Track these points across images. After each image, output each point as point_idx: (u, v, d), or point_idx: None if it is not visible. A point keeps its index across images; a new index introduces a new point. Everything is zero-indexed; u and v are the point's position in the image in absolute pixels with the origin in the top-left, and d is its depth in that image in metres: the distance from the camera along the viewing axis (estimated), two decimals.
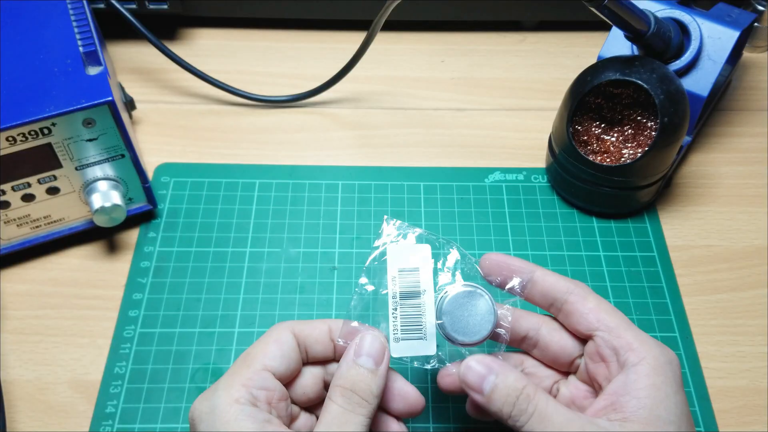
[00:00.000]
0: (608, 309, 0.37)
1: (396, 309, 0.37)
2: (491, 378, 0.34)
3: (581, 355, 0.38)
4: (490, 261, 0.39)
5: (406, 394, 0.37)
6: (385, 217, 0.39)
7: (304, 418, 0.38)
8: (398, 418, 0.38)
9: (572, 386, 0.38)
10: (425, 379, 0.45)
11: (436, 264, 0.38)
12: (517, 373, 0.35)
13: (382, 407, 0.37)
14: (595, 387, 0.37)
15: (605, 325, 0.36)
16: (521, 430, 0.33)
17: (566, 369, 0.39)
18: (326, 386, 0.38)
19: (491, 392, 0.34)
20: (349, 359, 0.35)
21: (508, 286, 0.39)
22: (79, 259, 0.51)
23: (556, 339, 0.38)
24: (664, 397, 0.33)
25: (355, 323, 0.37)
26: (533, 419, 0.33)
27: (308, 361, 0.38)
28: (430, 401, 0.44)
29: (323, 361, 0.38)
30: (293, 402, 0.37)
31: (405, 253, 0.38)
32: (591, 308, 0.36)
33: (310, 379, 0.38)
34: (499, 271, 0.39)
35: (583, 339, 0.38)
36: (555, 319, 0.39)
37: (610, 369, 0.35)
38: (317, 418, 0.37)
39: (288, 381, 0.37)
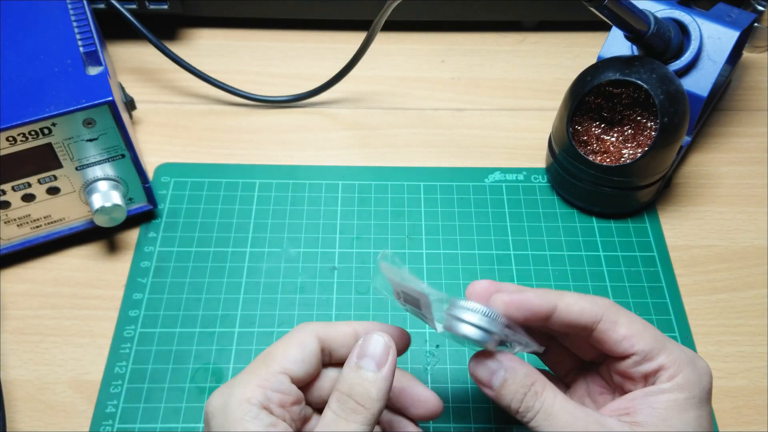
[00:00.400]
0: (641, 331, 0.35)
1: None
2: (501, 373, 0.34)
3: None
4: (502, 303, 0.35)
5: (426, 399, 0.37)
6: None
7: (315, 421, 0.37)
8: (415, 421, 0.38)
9: (589, 378, 0.38)
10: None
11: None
12: (528, 368, 0.34)
13: (400, 411, 0.37)
14: (617, 391, 0.36)
15: (639, 350, 0.34)
16: (529, 426, 0.33)
17: (589, 359, 0.38)
18: None
19: (500, 387, 0.34)
20: (351, 362, 0.34)
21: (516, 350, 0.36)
22: (80, 259, 0.51)
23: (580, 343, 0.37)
24: (682, 411, 0.33)
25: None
26: (539, 416, 0.33)
27: (331, 363, 0.38)
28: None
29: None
30: (310, 404, 0.37)
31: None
32: (624, 335, 0.34)
33: (328, 382, 0.37)
34: (517, 314, 0.35)
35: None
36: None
37: (637, 385, 0.35)
38: None
39: (305, 384, 0.36)
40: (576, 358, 0.39)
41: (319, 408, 0.38)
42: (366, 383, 0.33)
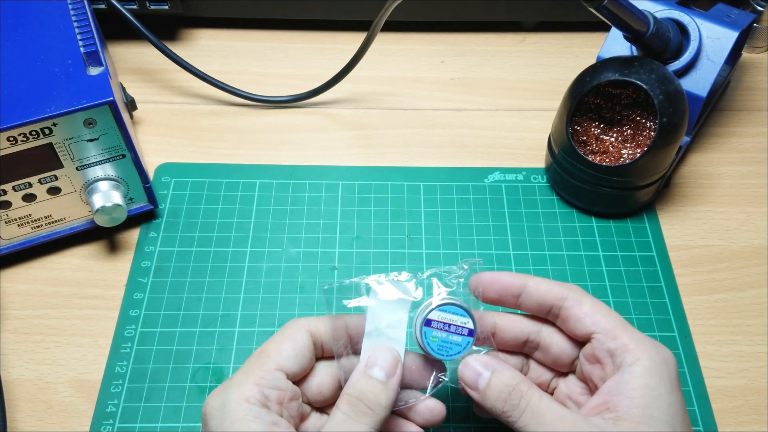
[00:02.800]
0: (604, 311, 0.36)
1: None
2: (486, 374, 0.35)
3: None
4: (480, 282, 0.38)
5: (431, 408, 0.37)
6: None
7: (314, 419, 0.38)
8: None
9: (570, 383, 0.39)
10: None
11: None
12: (513, 371, 0.35)
13: (403, 415, 0.38)
14: (590, 387, 0.37)
15: (601, 328, 0.36)
16: (515, 427, 0.34)
17: (567, 369, 0.39)
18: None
19: (485, 388, 0.35)
20: (360, 370, 0.35)
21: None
22: (80, 259, 0.51)
23: (556, 341, 0.38)
24: (657, 397, 0.33)
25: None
26: (525, 415, 0.33)
27: (324, 356, 0.38)
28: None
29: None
30: (308, 401, 0.37)
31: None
32: (586, 312, 0.36)
33: (327, 378, 0.38)
34: (491, 289, 0.38)
35: (581, 342, 0.38)
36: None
37: (606, 370, 0.35)
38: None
39: (301, 379, 0.37)
40: (554, 372, 0.40)
41: (319, 406, 0.38)
42: (376, 390, 0.34)
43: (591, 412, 0.34)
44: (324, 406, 0.39)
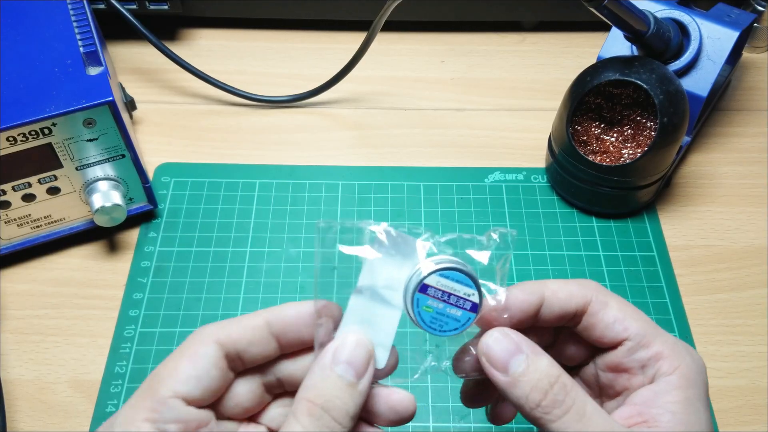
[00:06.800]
0: (633, 313, 0.31)
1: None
2: (520, 357, 0.29)
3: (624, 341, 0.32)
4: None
5: (394, 402, 0.30)
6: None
7: None
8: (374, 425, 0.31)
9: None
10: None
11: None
12: (550, 358, 0.29)
13: (363, 418, 0.30)
14: (600, 391, 0.33)
15: (633, 334, 0.31)
16: (550, 427, 0.28)
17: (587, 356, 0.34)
18: (269, 389, 0.32)
19: (521, 374, 0.28)
20: (323, 364, 0.28)
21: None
22: (80, 259, 0.51)
23: (568, 347, 0.33)
24: (695, 412, 0.30)
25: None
26: (569, 416, 0.28)
27: (245, 367, 0.31)
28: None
29: (265, 364, 0.31)
30: (226, 417, 0.31)
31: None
32: (615, 317, 0.31)
33: (245, 391, 0.31)
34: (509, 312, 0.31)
35: (600, 347, 0.33)
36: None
37: (633, 380, 0.31)
38: (266, 428, 0.32)
39: (212, 401, 0.30)
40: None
41: (241, 418, 0.31)
42: (344, 395, 0.28)
43: (624, 423, 0.30)
44: (253, 415, 0.32)
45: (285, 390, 0.32)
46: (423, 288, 0.30)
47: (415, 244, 0.30)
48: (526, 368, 0.29)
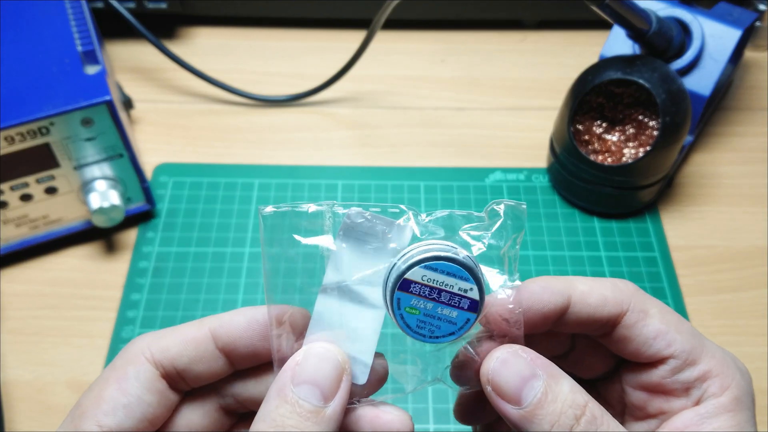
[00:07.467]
0: (677, 325, 0.26)
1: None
2: (536, 384, 0.23)
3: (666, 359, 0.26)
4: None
5: (382, 426, 0.24)
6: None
7: None
8: None
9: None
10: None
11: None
12: (572, 381, 0.24)
13: None
14: (630, 413, 0.28)
15: (678, 351, 0.26)
16: None
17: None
18: (228, 412, 0.27)
19: (537, 404, 0.23)
20: (280, 387, 0.23)
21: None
22: (78, 260, 0.51)
23: (588, 359, 0.28)
24: None
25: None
26: None
27: (189, 388, 0.26)
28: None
29: (218, 383, 0.26)
30: None
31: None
32: (658, 331, 0.26)
33: (196, 416, 0.26)
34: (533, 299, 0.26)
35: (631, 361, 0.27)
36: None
37: (673, 402, 0.26)
38: None
39: (153, 428, 0.25)
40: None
41: None
42: (307, 425, 0.22)
43: None
44: None
45: (251, 410, 0.27)
46: (404, 285, 0.23)
47: (393, 226, 0.24)
48: (543, 397, 0.23)
